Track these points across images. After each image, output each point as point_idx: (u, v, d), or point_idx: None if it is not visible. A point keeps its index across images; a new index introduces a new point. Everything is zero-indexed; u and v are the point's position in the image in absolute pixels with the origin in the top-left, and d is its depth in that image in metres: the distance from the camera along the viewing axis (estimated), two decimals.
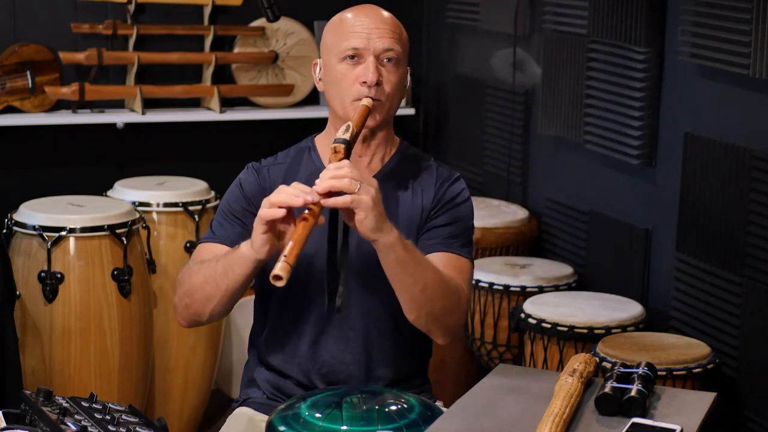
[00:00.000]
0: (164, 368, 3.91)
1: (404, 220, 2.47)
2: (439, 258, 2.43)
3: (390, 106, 2.44)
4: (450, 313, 2.36)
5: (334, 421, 2.16)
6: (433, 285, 2.31)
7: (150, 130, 4.57)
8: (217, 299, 2.38)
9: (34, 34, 4.38)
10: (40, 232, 3.51)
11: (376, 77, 2.38)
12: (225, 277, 2.34)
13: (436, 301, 2.32)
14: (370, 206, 2.20)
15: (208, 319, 2.45)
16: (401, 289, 2.32)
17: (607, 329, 3.40)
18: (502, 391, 2.26)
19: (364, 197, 2.20)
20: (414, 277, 2.29)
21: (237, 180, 2.54)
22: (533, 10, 4.23)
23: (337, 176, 2.20)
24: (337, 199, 2.20)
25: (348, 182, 2.19)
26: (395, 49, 2.41)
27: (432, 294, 2.31)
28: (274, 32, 4.61)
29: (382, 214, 2.23)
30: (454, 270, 2.42)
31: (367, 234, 2.23)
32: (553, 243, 4.19)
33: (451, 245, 2.45)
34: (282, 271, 2.08)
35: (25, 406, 2.34)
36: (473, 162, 4.65)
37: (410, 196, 2.49)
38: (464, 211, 2.51)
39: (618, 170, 3.83)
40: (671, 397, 2.24)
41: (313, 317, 2.49)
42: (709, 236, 3.38)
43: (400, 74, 2.43)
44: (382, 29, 2.41)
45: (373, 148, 2.50)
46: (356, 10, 2.46)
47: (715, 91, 3.38)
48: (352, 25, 2.42)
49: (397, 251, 2.27)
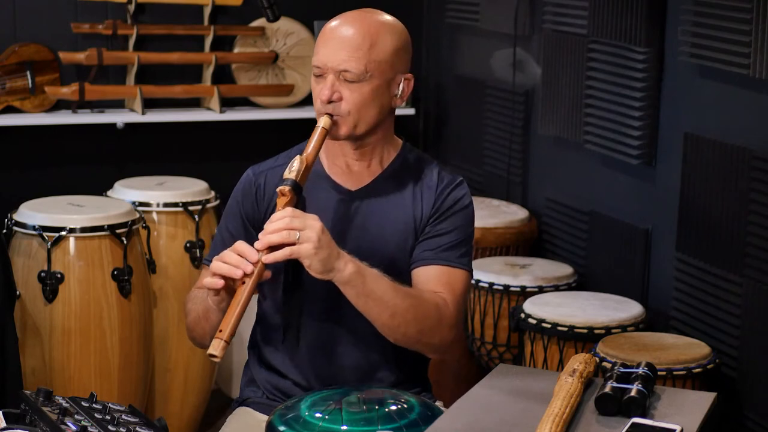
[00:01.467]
0: (164, 368, 3.91)
1: (403, 224, 2.47)
2: (431, 272, 2.44)
3: (357, 121, 2.41)
4: (429, 334, 2.38)
5: (334, 421, 2.16)
6: (403, 311, 2.32)
7: (150, 130, 4.57)
8: (209, 332, 2.40)
9: (34, 34, 4.38)
10: (40, 232, 3.51)
11: (329, 95, 2.38)
12: (207, 320, 2.39)
13: (409, 325, 2.34)
14: (311, 253, 2.22)
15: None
16: (370, 318, 2.35)
17: (607, 329, 3.40)
18: (502, 391, 2.26)
19: (304, 246, 2.22)
20: (379, 307, 2.32)
21: (235, 191, 2.56)
22: (533, 10, 4.22)
23: (275, 230, 2.23)
24: (277, 254, 2.24)
25: (286, 234, 2.22)
26: (352, 69, 2.37)
27: (403, 320, 2.33)
28: (274, 32, 4.61)
29: (328, 257, 2.25)
30: (444, 285, 2.42)
31: (318, 276, 2.27)
32: (553, 243, 4.19)
33: (447, 257, 2.45)
34: (216, 350, 2.17)
35: (25, 406, 2.34)
36: (473, 162, 4.65)
37: (410, 200, 2.49)
38: (465, 217, 2.50)
39: (618, 170, 3.83)
40: (671, 397, 2.24)
41: (312, 320, 2.49)
42: (709, 236, 3.38)
43: (367, 91, 2.39)
44: (346, 47, 2.38)
45: (369, 152, 2.50)
46: (339, 20, 2.44)
47: (715, 91, 3.37)
48: (325, 39, 2.42)
49: (356, 286, 2.29)
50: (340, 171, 2.51)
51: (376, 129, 2.46)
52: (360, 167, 2.50)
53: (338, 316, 2.48)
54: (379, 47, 2.40)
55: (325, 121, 2.39)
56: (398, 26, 2.46)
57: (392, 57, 2.42)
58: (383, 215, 2.47)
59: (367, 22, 2.41)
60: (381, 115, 2.45)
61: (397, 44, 2.43)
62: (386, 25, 2.43)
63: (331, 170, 2.51)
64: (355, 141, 2.46)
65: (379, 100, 2.42)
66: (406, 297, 2.34)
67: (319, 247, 2.23)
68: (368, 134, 2.46)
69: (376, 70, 2.39)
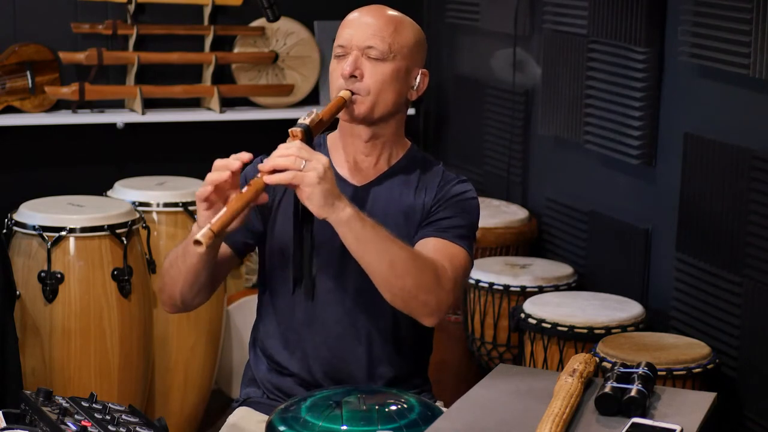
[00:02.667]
0: (164, 368, 3.91)
1: (404, 217, 2.48)
2: (430, 243, 2.42)
3: (375, 102, 2.43)
4: (426, 290, 2.32)
5: (334, 421, 2.16)
6: (401, 261, 2.29)
7: (150, 130, 4.57)
8: (181, 281, 2.39)
9: (34, 34, 4.38)
10: (40, 232, 3.51)
11: (352, 69, 2.41)
12: (184, 258, 2.36)
13: (407, 277, 2.29)
14: (314, 182, 2.21)
15: (182, 304, 2.45)
16: (368, 269, 2.31)
17: (607, 329, 3.40)
18: (502, 391, 2.26)
19: (309, 173, 2.21)
20: (378, 254, 2.28)
21: (243, 173, 2.57)
22: (533, 10, 4.23)
23: (283, 155, 2.23)
24: (280, 176, 2.22)
25: (293, 160, 2.22)
26: (377, 46, 2.41)
27: (401, 270, 2.29)
28: (274, 32, 4.61)
29: (330, 191, 2.23)
30: (443, 255, 2.39)
31: (317, 211, 2.24)
32: (553, 243, 4.19)
33: (445, 233, 2.44)
34: (203, 237, 2.11)
35: (25, 406, 2.34)
36: (473, 162, 4.65)
37: (413, 194, 2.50)
38: (467, 206, 2.50)
39: (618, 170, 3.83)
40: (671, 397, 2.24)
41: (314, 313, 2.50)
42: (709, 236, 3.38)
43: (389, 71, 2.42)
44: (371, 27, 2.43)
45: (378, 148, 2.51)
46: (360, 10, 2.49)
47: (715, 91, 3.38)
48: (347, 23, 2.47)
49: (354, 228, 2.26)
50: (348, 166, 2.52)
51: (390, 118, 2.48)
52: (368, 164, 2.51)
53: (341, 311, 2.49)
54: (402, 34, 2.45)
55: (345, 93, 2.41)
56: (416, 24, 2.53)
57: (413, 46, 2.47)
58: (386, 209, 2.48)
59: (388, 12, 2.49)
60: (398, 102, 2.47)
61: (417, 37, 2.49)
62: (406, 19, 2.50)
63: (339, 165, 2.52)
64: (370, 126, 2.47)
65: (398, 85, 2.45)
66: (404, 248, 2.31)
67: (323, 179, 2.21)
68: (383, 121, 2.47)
69: (398, 52, 2.44)
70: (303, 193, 2.23)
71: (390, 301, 2.35)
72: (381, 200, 2.49)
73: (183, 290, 2.41)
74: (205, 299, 2.47)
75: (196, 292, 2.42)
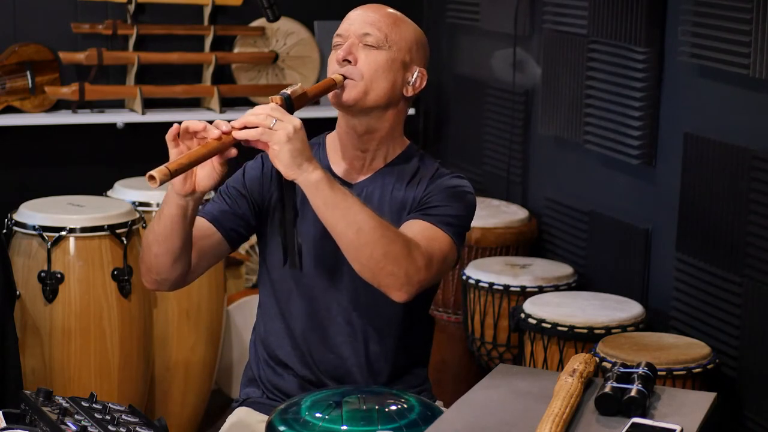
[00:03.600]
0: (164, 368, 3.91)
1: (397, 212, 2.47)
2: (414, 225, 2.39)
3: (367, 88, 2.42)
4: (394, 261, 2.28)
5: (334, 421, 2.16)
6: (368, 228, 2.27)
7: (150, 130, 4.56)
8: (155, 247, 2.37)
9: (34, 34, 4.38)
10: (40, 232, 3.51)
11: (346, 53, 2.42)
12: (159, 221, 2.35)
13: (375, 246, 2.27)
14: (283, 140, 2.21)
15: (158, 273, 2.41)
16: (336, 235, 2.29)
17: (607, 329, 3.40)
18: (502, 391, 2.26)
19: (278, 132, 2.22)
20: (346, 220, 2.27)
21: (243, 165, 2.58)
22: (533, 10, 4.23)
23: (255, 113, 2.24)
24: (249, 132, 2.23)
25: (263, 117, 2.23)
26: (373, 33, 2.43)
27: (370, 238, 2.27)
28: (274, 32, 4.61)
29: (299, 151, 2.23)
30: (422, 236, 2.36)
31: (284, 171, 2.24)
32: (553, 243, 4.19)
33: (431, 217, 2.41)
34: (157, 172, 2.12)
35: (25, 406, 2.34)
36: (473, 162, 4.65)
37: (404, 188, 2.49)
38: (459, 198, 2.46)
39: (618, 170, 3.83)
40: (671, 397, 2.24)
41: (314, 311, 2.50)
42: (709, 236, 3.38)
43: (383, 58, 2.43)
44: (370, 17, 2.45)
45: (375, 144, 2.50)
46: (361, 8, 2.51)
47: (715, 91, 3.38)
48: (346, 18, 2.49)
49: (323, 191, 2.26)
50: (345, 165, 2.52)
51: (384, 112, 2.47)
52: (363, 161, 2.51)
53: (338, 307, 2.49)
54: (401, 28, 2.47)
55: (337, 76, 2.41)
56: (417, 26, 2.54)
57: (411, 43, 2.48)
58: (380, 205, 2.47)
59: (389, 9, 2.50)
60: (391, 94, 2.46)
61: (417, 36, 2.50)
62: (407, 18, 2.52)
63: (336, 164, 2.52)
64: (363, 117, 2.46)
65: (392, 75, 2.45)
66: (373, 217, 2.29)
67: (292, 139, 2.22)
68: (375, 111, 2.46)
69: (395, 44, 2.44)
70: (272, 151, 2.23)
71: (359, 272, 2.32)
72: (375, 197, 2.49)
73: (158, 258, 2.37)
74: (181, 273, 2.41)
75: (172, 261, 2.38)
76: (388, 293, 2.33)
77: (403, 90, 2.48)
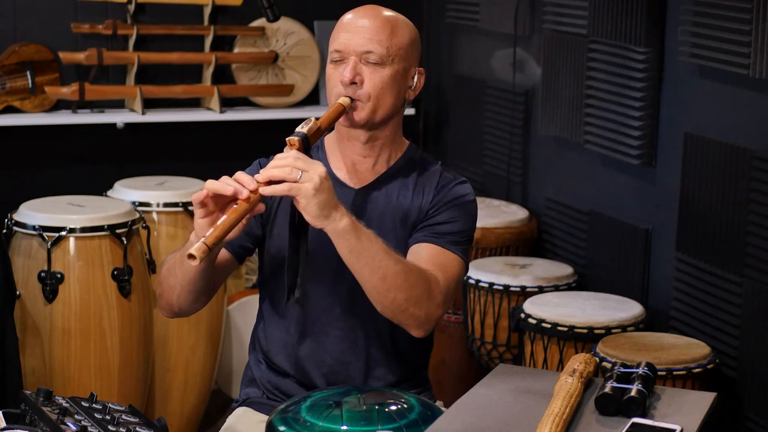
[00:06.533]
0: (164, 368, 3.91)
1: (401, 220, 2.48)
2: (424, 249, 2.42)
3: (375, 107, 2.43)
4: (417, 304, 2.33)
5: (334, 421, 2.16)
6: (394, 275, 2.29)
7: (150, 130, 4.57)
8: (178, 289, 2.39)
9: (34, 34, 4.38)
10: (40, 232, 3.51)
11: (351, 76, 2.40)
12: (181, 266, 2.35)
13: (399, 291, 2.30)
14: (310, 193, 2.20)
15: (179, 310, 2.44)
16: (361, 280, 2.32)
17: (607, 329, 3.40)
18: (502, 391, 2.26)
19: (305, 185, 2.20)
20: (371, 267, 2.28)
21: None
22: (533, 10, 4.23)
23: (278, 165, 2.22)
24: (276, 187, 2.21)
25: (289, 170, 2.21)
26: (376, 51, 2.41)
27: (393, 284, 2.29)
28: (274, 32, 4.61)
29: (326, 202, 2.23)
30: (436, 264, 2.40)
31: (313, 222, 2.24)
32: (553, 243, 4.19)
33: (440, 238, 2.44)
34: (196, 251, 2.11)
35: (25, 406, 2.34)
36: (473, 162, 4.65)
37: (410, 196, 2.50)
38: (464, 210, 2.50)
39: (618, 170, 3.83)
40: (671, 397, 2.24)
41: (313, 316, 2.50)
42: (709, 236, 3.38)
43: (387, 75, 2.42)
44: (368, 30, 2.42)
45: (377, 150, 2.51)
46: (354, 12, 2.48)
47: (715, 91, 3.38)
48: (343, 26, 2.46)
49: (349, 240, 2.26)
50: (346, 169, 2.52)
51: (389, 120, 2.48)
52: (366, 165, 2.51)
53: (338, 315, 2.49)
54: (398, 34, 2.45)
55: (345, 99, 2.41)
56: (410, 22, 2.52)
57: (409, 47, 2.47)
58: (384, 212, 2.48)
59: (383, 13, 2.48)
60: (397, 104, 2.47)
61: (412, 36, 2.49)
62: (400, 18, 2.50)
63: (337, 168, 2.52)
64: (370, 130, 2.47)
65: (397, 87, 2.45)
66: (398, 262, 2.32)
67: (319, 190, 2.21)
68: (383, 124, 2.47)
69: (396, 55, 2.43)
70: (299, 204, 2.23)
71: (380, 311, 2.36)
72: (379, 203, 2.49)
73: (180, 298, 2.41)
74: (203, 305, 2.47)
75: (194, 299, 2.42)
76: (408, 330, 2.39)
77: (406, 95, 2.50)
